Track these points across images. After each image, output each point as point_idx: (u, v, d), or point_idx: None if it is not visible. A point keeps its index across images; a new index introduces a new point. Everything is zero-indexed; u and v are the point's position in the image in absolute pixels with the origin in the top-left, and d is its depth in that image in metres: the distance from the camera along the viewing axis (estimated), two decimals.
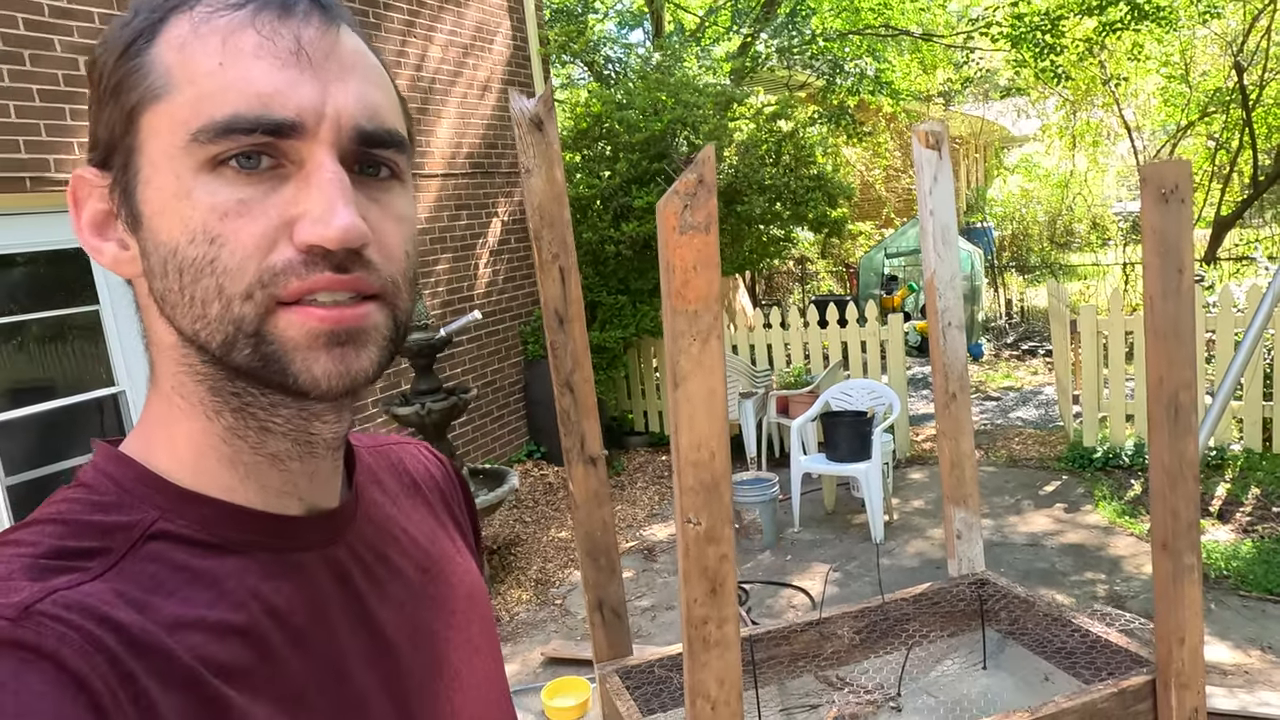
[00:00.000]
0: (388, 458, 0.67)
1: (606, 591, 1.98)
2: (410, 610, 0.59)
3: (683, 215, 1.30)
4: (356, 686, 0.53)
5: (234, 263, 0.46)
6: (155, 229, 0.47)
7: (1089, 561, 4.09)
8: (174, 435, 0.51)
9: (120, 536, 0.47)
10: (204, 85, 0.45)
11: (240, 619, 0.48)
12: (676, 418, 1.33)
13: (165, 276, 0.48)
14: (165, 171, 0.46)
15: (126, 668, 0.42)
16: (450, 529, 0.68)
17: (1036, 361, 8.74)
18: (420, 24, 5.31)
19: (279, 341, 0.47)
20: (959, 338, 2.12)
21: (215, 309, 0.46)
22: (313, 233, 0.46)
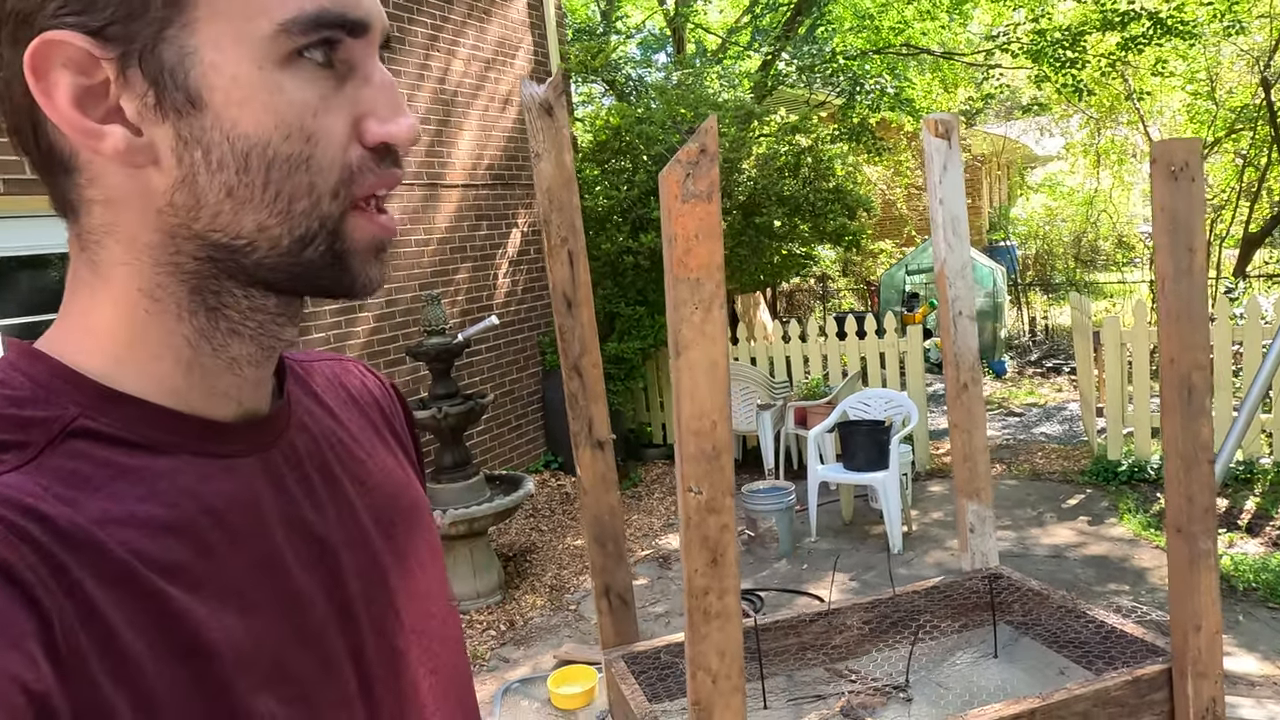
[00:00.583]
0: (323, 372, 0.66)
1: (614, 578, 1.97)
2: (349, 519, 0.57)
3: (685, 184, 1.31)
4: (297, 586, 0.51)
5: (326, 160, 0.47)
6: (234, 119, 0.45)
7: (1112, 573, 4.00)
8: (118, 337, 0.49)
9: (37, 431, 0.45)
10: None
11: (173, 515, 0.46)
12: (678, 387, 1.33)
13: (244, 171, 0.46)
14: (242, 60, 0.45)
15: (58, 560, 0.41)
16: (391, 444, 0.67)
17: (1061, 379, 8.63)
18: (444, 39, 5.42)
19: (350, 242, 0.49)
20: (970, 328, 2.11)
21: (303, 204, 0.47)
22: (386, 131, 0.49)
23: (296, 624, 0.51)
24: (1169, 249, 1.58)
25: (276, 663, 0.48)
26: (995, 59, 9.07)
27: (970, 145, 13.65)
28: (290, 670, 0.49)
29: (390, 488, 0.63)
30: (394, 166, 0.51)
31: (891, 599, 2.06)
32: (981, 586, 2.09)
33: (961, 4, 9.77)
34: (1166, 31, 7.15)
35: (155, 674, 0.42)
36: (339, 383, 0.67)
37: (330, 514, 0.56)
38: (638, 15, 13.57)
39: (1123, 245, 12.71)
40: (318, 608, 0.52)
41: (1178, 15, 7.15)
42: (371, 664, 0.55)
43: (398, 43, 5.06)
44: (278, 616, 0.50)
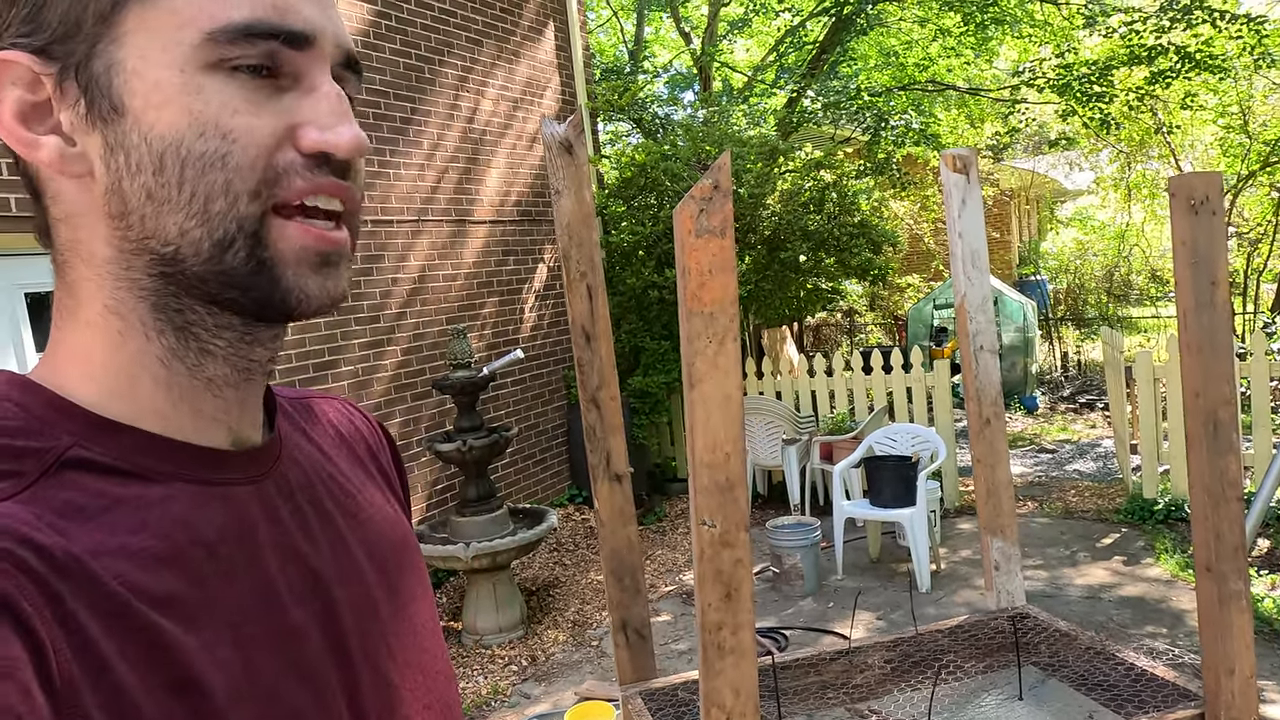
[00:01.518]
0: (310, 409, 0.66)
1: (631, 612, 1.96)
2: (342, 552, 0.57)
3: (699, 219, 1.33)
4: (290, 620, 0.51)
5: (246, 159, 0.46)
6: (150, 121, 0.46)
7: (1149, 615, 3.89)
8: (95, 362, 0.49)
9: (31, 461, 0.45)
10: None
11: (166, 547, 0.46)
12: (692, 419, 1.34)
13: (159, 171, 0.46)
14: (164, 66, 0.46)
15: (51, 589, 0.41)
16: (378, 479, 0.68)
17: (1094, 415, 8.47)
18: (473, 79, 5.55)
19: (274, 250, 0.47)
20: (991, 362, 2.09)
21: (219, 205, 0.46)
22: (322, 139, 0.47)
23: (291, 658, 0.50)
24: (1190, 282, 1.56)
25: (270, 697, 0.48)
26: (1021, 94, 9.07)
27: (998, 180, 13.60)
28: (284, 705, 0.49)
29: (380, 523, 0.63)
30: (328, 174, 0.48)
31: (914, 638, 2.02)
32: (1007, 626, 2.05)
33: (987, 41, 9.81)
34: (1195, 66, 7.11)
35: (148, 707, 0.42)
36: (327, 420, 0.67)
37: (324, 547, 0.56)
38: (665, 55, 13.81)
39: (1156, 279, 12.53)
40: (312, 642, 0.52)
41: (1206, 49, 7.12)
42: (366, 699, 0.55)
43: (427, 84, 5.19)
44: (272, 650, 0.49)
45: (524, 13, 6.04)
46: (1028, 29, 9.76)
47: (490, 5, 5.72)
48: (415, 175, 5.09)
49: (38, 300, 3.37)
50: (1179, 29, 7.11)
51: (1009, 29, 9.56)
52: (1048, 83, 7.86)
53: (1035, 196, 16.25)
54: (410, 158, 5.06)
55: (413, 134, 5.08)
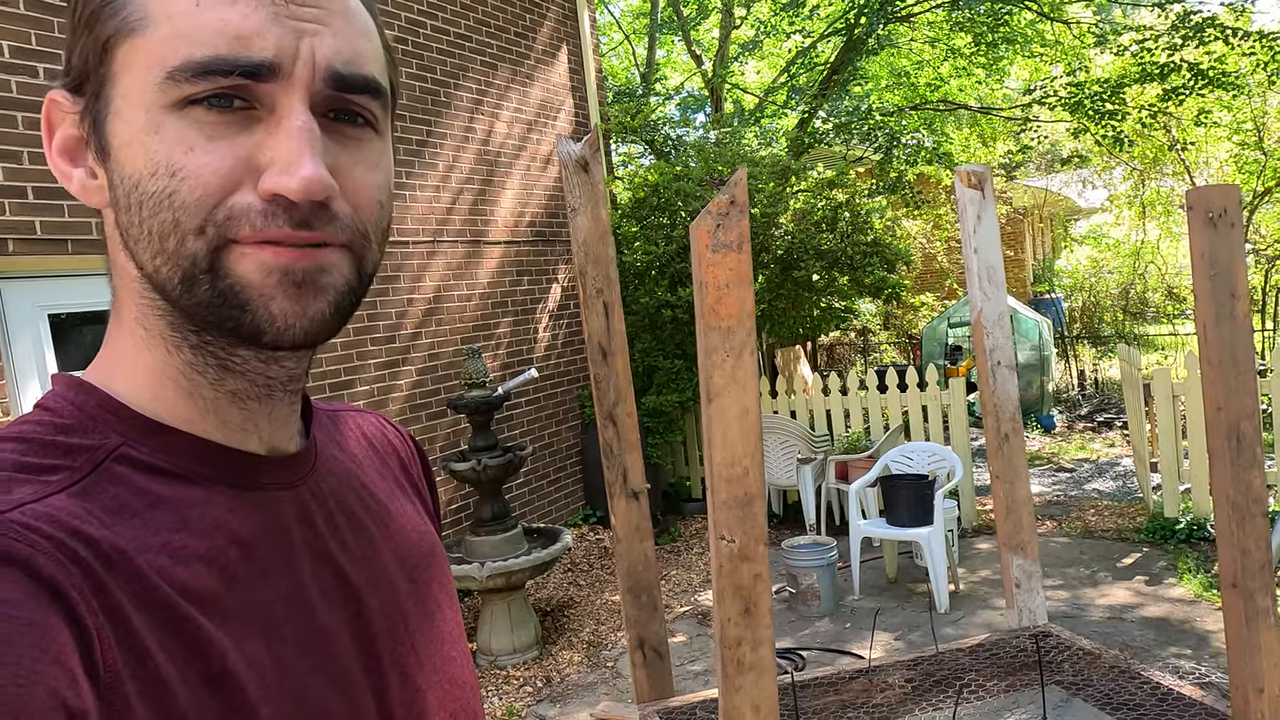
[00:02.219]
0: (347, 422, 0.67)
1: (648, 630, 1.95)
2: (371, 560, 0.58)
3: (715, 234, 1.34)
4: (322, 622, 0.52)
5: (191, 198, 0.45)
6: (121, 161, 0.47)
7: (1173, 636, 3.82)
8: (136, 366, 0.51)
9: (83, 457, 0.47)
10: (180, 24, 0.45)
11: (205, 546, 0.48)
12: (710, 433, 1.34)
13: (128, 210, 0.47)
14: (136, 105, 0.46)
15: (100, 579, 0.42)
16: (409, 492, 0.69)
17: (1113, 434, 8.38)
18: (488, 102, 5.62)
19: (233, 276, 0.46)
20: (1009, 377, 2.08)
21: (171, 243, 0.46)
22: (277, 182, 0.45)
23: (321, 660, 0.51)
24: (1209, 294, 1.56)
25: (300, 697, 0.49)
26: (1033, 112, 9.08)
27: (1011, 198, 13.58)
28: (313, 705, 0.50)
29: (410, 533, 0.64)
30: (290, 226, 0.46)
31: (935, 656, 2.00)
32: (1029, 645, 2.02)
33: (998, 61, 9.85)
34: (1209, 83, 7.10)
35: (184, 698, 0.43)
36: (360, 432, 0.68)
37: (356, 554, 0.57)
38: (677, 78, 13.92)
39: (1173, 297, 12.43)
40: (342, 645, 0.53)
41: (1219, 66, 7.11)
42: (394, 704, 0.56)
43: (442, 107, 5.26)
44: (302, 651, 0.50)
45: (538, 37, 6.12)
46: (1038, 48, 9.79)
47: (505, 30, 5.80)
48: (431, 196, 5.14)
49: (60, 321, 3.42)
50: (1191, 46, 7.11)
51: (1019, 48, 9.60)
52: (1059, 101, 7.87)
53: (1049, 215, 16.21)
54: (426, 179, 5.11)
55: (429, 156, 5.14)
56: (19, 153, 3.25)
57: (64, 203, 3.38)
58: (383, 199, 0.52)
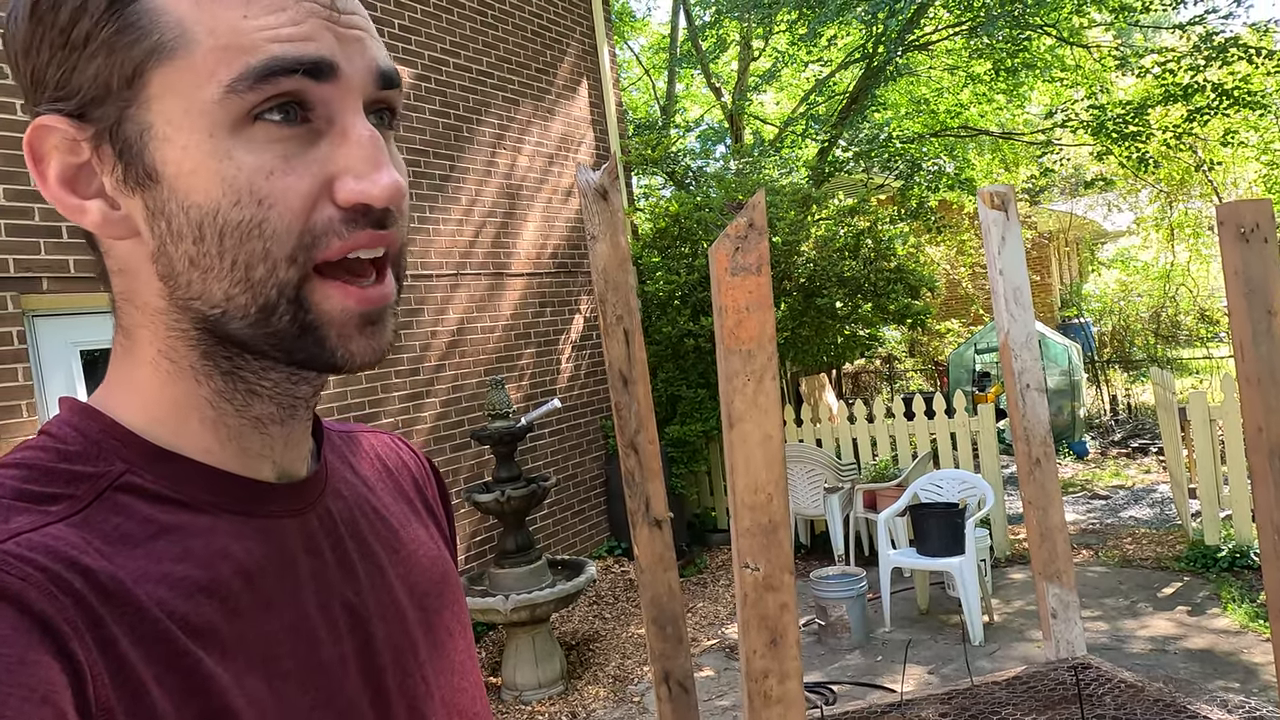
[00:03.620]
0: (359, 442, 0.66)
1: (673, 663, 1.91)
2: (381, 588, 0.57)
3: (734, 258, 1.33)
4: (327, 655, 0.51)
5: (283, 225, 0.45)
6: (185, 189, 0.45)
7: (1220, 668, 3.69)
8: (158, 399, 0.50)
9: (86, 485, 0.46)
10: (227, 37, 0.44)
11: (208, 577, 0.47)
12: (732, 459, 1.32)
13: (199, 240, 0.46)
14: (193, 130, 0.45)
15: (95, 613, 0.41)
16: (423, 516, 0.67)
17: (1148, 460, 8.20)
18: (510, 136, 5.70)
19: (317, 313, 0.47)
20: (1039, 400, 2.04)
21: (259, 272, 0.46)
22: (359, 190, 0.46)
23: (325, 694, 0.50)
24: (1245, 312, 1.51)
25: None
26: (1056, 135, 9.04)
27: (1036, 223, 13.48)
28: None
29: (422, 559, 0.62)
30: (373, 227, 0.47)
31: (970, 690, 1.94)
32: (1068, 677, 1.95)
33: (1018, 87, 9.84)
34: (1234, 102, 7.03)
35: None
36: (375, 454, 0.67)
37: (363, 582, 0.56)
38: (696, 110, 14.06)
39: (1205, 320, 12.21)
40: (348, 679, 0.52)
41: (1244, 86, 7.05)
42: None
43: (465, 141, 5.34)
44: (306, 686, 0.49)
45: (559, 72, 6.21)
46: (1059, 73, 9.77)
47: (526, 66, 5.90)
48: (454, 230, 5.20)
49: (93, 357, 3.48)
50: (1215, 67, 7.06)
51: (1039, 73, 9.59)
52: (1081, 124, 7.83)
53: (1074, 239, 16.06)
54: (449, 213, 5.17)
55: (451, 190, 5.20)
56: None
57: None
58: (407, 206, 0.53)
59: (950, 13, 8.66)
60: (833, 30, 8.86)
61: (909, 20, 8.14)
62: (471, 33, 5.45)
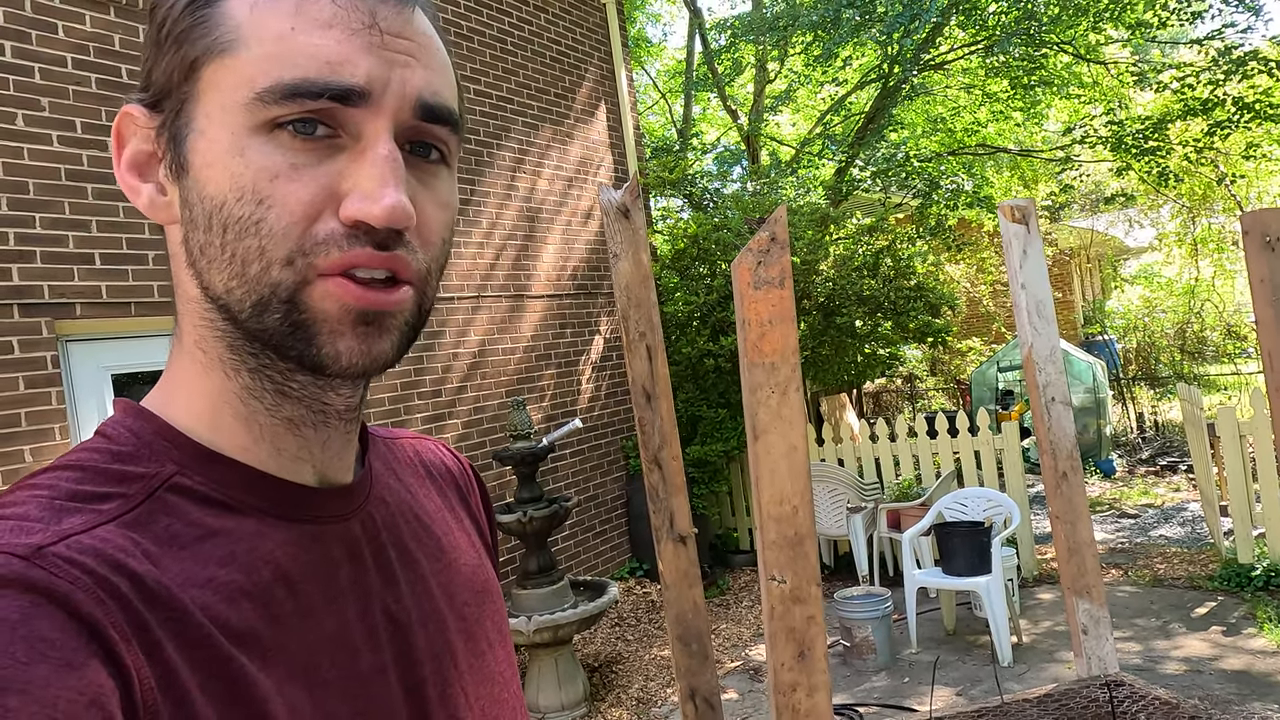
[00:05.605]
0: (404, 447, 0.67)
1: (699, 680, 1.90)
2: (422, 596, 0.57)
3: (756, 271, 1.34)
4: (367, 664, 0.51)
5: (279, 226, 0.46)
6: (203, 181, 0.47)
7: (1258, 689, 3.60)
8: (194, 391, 0.51)
9: (137, 485, 0.47)
10: (273, 47, 0.46)
11: (251, 582, 0.47)
12: (757, 471, 1.32)
13: (208, 230, 0.47)
14: (221, 125, 0.46)
15: (141, 617, 0.41)
16: (465, 523, 0.67)
17: (1177, 478, 8.06)
18: (529, 160, 5.77)
19: (311, 311, 0.47)
20: (1064, 413, 2.02)
21: (254, 269, 0.46)
22: (360, 208, 0.46)
23: (364, 703, 0.50)
24: (1273, 321, 1.50)
25: None
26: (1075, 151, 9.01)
27: (1057, 239, 13.39)
28: None
29: (463, 566, 0.62)
30: (371, 246, 0.46)
31: (999, 708, 1.91)
32: (1100, 695, 1.92)
33: (1035, 104, 9.83)
34: (1255, 115, 6.99)
35: None
36: (419, 459, 0.67)
37: (404, 590, 0.56)
38: (713, 133, 14.16)
39: (1233, 335, 12.04)
40: (388, 688, 0.52)
41: (1265, 99, 7.00)
42: None
43: (486, 165, 5.41)
44: (346, 695, 0.49)
45: (577, 97, 6.30)
46: (1076, 90, 9.76)
47: (545, 92, 5.98)
48: (475, 253, 5.26)
49: (122, 380, 3.54)
50: (1234, 81, 7.03)
51: (1057, 90, 9.58)
52: (1100, 140, 7.80)
53: (1096, 255, 15.93)
54: (470, 236, 5.24)
55: (472, 213, 5.27)
56: (88, 221, 3.42)
57: (128, 268, 3.53)
58: (446, 236, 0.53)
59: (965, 32, 8.69)
60: (848, 51, 8.92)
61: (924, 40, 8.18)
62: (491, 59, 5.55)
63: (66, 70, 3.41)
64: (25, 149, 3.26)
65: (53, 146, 3.34)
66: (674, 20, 18.14)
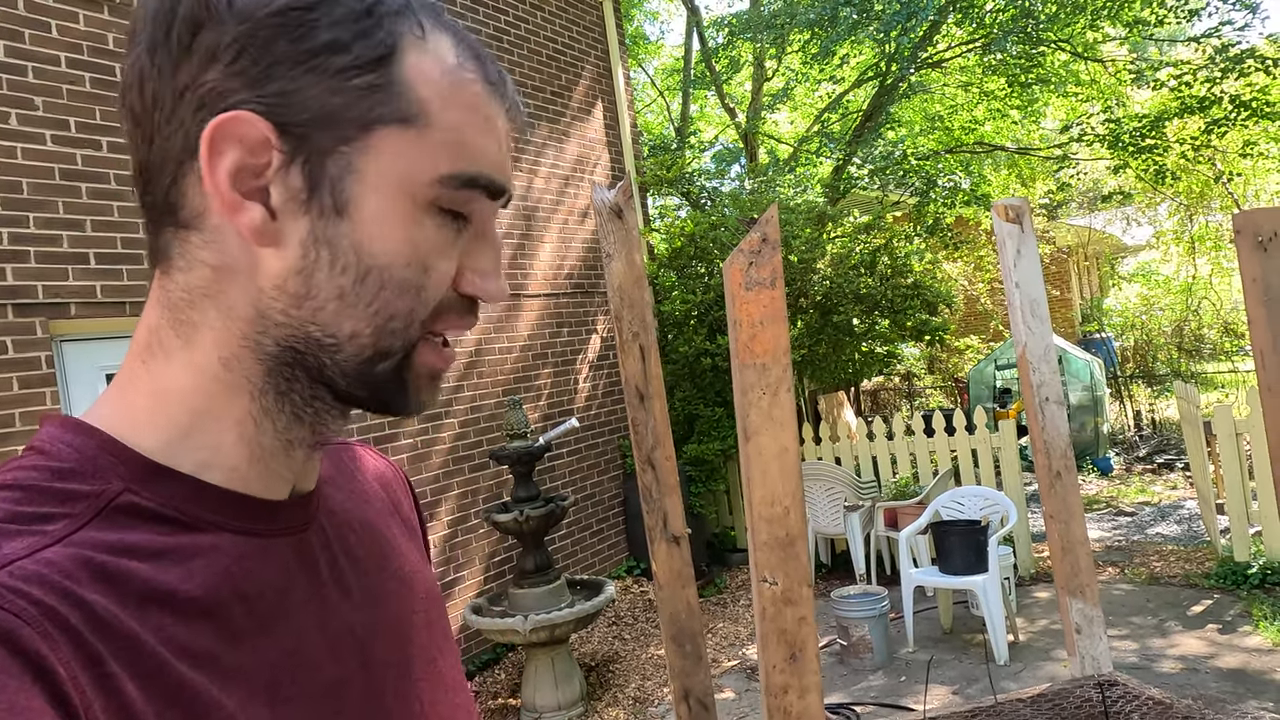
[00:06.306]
0: (339, 455, 0.67)
1: (693, 680, 1.90)
2: (376, 605, 0.57)
3: (748, 272, 1.34)
4: (327, 678, 0.51)
5: (431, 295, 0.51)
6: (371, 236, 0.48)
7: (1253, 687, 3.61)
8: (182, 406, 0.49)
9: (83, 504, 0.44)
10: (456, 136, 0.50)
11: (208, 600, 0.46)
12: (748, 472, 1.32)
13: (359, 281, 0.49)
14: (399, 193, 0.49)
15: (92, 649, 0.39)
16: (402, 528, 0.68)
17: (1174, 476, 8.07)
18: (525, 159, 5.76)
19: (414, 369, 0.52)
20: (1058, 413, 2.02)
21: (397, 324, 0.50)
22: (483, 288, 0.53)
23: (327, 717, 0.50)
24: (1265, 321, 1.50)
25: None
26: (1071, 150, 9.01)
27: (1054, 238, 13.40)
28: None
29: (410, 573, 0.63)
30: (470, 314, 0.54)
31: (993, 707, 1.91)
32: (1094, 695, 1.92)
33: (1032, 102, 9.83)
34: (1252, 113, 6.99)
35: None
36: (355, 465, 0.67)
37: (358, 600, 0.56)
38: (710, 131, 14.15)
39: (1229, 333, 12.05)
40: (350, 700, 0.52)
41: (1262, 97, 7.00)
42: None
43: None
44: (309, 710, 0.49)
45: (574, 95, 6.29)
46: (1073, 88, 9.76)
47: (542, 89, 5.97)
48: None
49: None
50: (1231, 78, 7.02)
51: (1054, 89, 9.57)
52: (1097, 137, 7.80)
53: (1094, 253, 15.94)
54: None
55: None
56: (83, 221, 3.41)
57: (123, 268, 3.53)
58: None
59: (963, 30, 8.68)
60: (845, 49, 8.91)
61: (921, 38, 8.18)
62: None
63: (60, 69, 3.40)
64: (19, 148, 3.25)
65: (46, 146, 3.33)
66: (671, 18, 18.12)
